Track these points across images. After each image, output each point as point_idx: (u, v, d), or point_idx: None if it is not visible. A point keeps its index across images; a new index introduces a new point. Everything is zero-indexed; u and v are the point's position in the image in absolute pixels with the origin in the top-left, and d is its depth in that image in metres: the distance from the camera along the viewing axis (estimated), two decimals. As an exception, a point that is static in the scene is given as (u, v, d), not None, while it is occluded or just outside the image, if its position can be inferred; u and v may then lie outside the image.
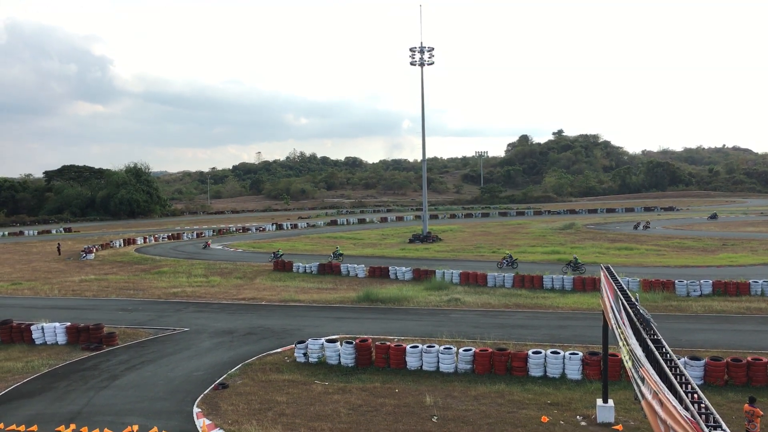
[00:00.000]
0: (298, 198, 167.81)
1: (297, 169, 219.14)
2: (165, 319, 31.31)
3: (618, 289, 13.65)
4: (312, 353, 22.90)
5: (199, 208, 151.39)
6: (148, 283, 43.50)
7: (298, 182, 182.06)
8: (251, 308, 33.95)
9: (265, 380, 21.02)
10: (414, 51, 68.25)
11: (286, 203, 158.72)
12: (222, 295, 37.92)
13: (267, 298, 36.40)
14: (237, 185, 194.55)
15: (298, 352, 23.15)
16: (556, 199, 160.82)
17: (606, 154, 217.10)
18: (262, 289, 40.08)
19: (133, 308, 34.51)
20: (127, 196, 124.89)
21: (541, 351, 21.07)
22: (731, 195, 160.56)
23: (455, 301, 33.62)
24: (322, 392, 19.71)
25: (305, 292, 38.10)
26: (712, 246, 56.59)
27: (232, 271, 48.58)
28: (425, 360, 21.63)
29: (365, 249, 62.78)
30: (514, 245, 61.17)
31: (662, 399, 7.94)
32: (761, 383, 19.01)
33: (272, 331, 28.24)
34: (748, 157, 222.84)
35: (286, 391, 19.88)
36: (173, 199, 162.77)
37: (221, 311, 33.27)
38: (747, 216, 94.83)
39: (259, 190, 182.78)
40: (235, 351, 24.93)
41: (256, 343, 26.03)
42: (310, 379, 21.05)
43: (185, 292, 39.05)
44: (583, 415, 17.20)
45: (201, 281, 43.71)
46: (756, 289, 33.46)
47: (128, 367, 23.10)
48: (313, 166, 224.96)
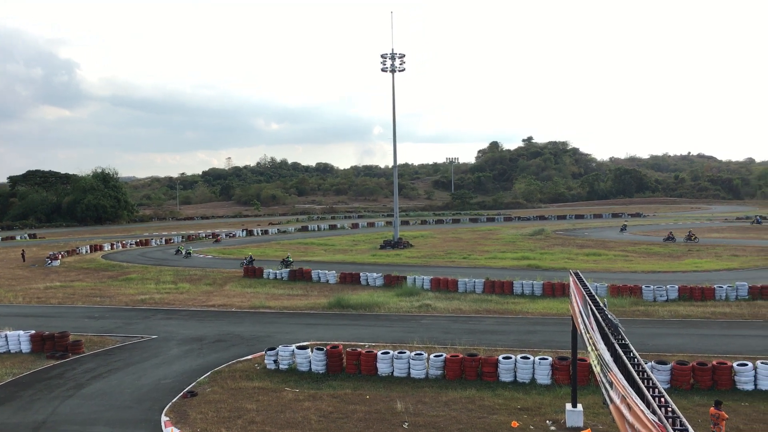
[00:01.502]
0: (268, 204, 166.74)
1: (268, 174, 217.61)
2: (132, 327, 30.86)
3: (587, 295, 13.80)
4: (282, 360, 22.74)
5: (168, 214, 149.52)
6: (115, 290, 42.84)
7: (269, 188, 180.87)
8: (221, 315, 33.63)
9: (235, 388, 20.82)
10: (385, 57, 68.38)
11: (256, 209, 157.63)
12: (191, 302, 37.50)
13: (237, 305, 36.09)
14: (207, 191, 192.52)
15: (268, 359, 22.97)
16: (526, 205, 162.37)
17: (575, 161, 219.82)
18: (232, 295, 39.74)
19: (99, 316, 33.96)
20: (94, 202, 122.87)
21: (511, 356, 21.22)
22: (696, 201, 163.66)
23: (426, 306, 33.69)
24: (292, 399, 19.58)
25: (276, 299, 37.86)
26: (678, 252, 57.55)
27: (201, 277, 48.09)
28: (396, 366, 21.63)
29: (336, 255, 62.64)
30: (484, 251, 61.60)
31: (630, 403, 8.03)
32: (726, 387, 19.37)
33: (242, 338, 28.00)
34: (712, 164, 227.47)
35: (256, 398, 19.71)
36: (141, 204, 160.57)
37: (190, 318, 32.90)
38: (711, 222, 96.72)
39: (229, 196, 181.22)
40: (205, 358, 24.66)
41: (225, 351, 25.78)
42: (281, 386, 20.90)
43: (153, 299, 38.53)
44: (553, 420, 17.34)
45: (170, 288, 43.17)
46: (720, 294, 34.09)
47: (94, 375, 22.71)
48: (284, 171, 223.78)
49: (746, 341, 25.37)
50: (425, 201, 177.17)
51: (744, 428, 16.44)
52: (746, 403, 18.27)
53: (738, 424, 16.58)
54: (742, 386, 19.39)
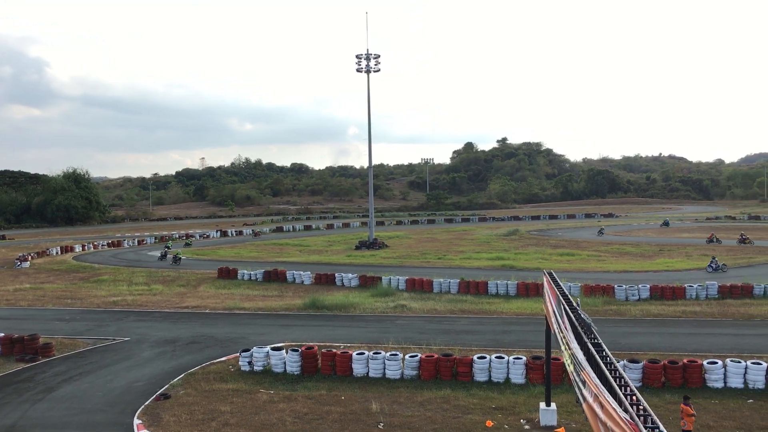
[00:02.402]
0: (243, 204, 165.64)
1: (242, 175, 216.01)
2: (104, 329, 30.44)
3: (560, 294, 13.91)
4: (257, 361, 22.60)
5: (141, 214, 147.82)
6: (86, 292, 42.23)
7: (243, 188, 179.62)
8: (194, 316, 33.33)
9: (209, 390, 20.63)
10: (360, 58, 68.37)
11: (230, 210, 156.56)
12: (164, 304, 37.11)
13: (211, 306, 35.80)
14: (180, 191, 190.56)
15: (242, 361, 22.81)
16: (501, 205, 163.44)
17: (548, 162, 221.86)
18: (205, 296, 39.42)
19: (70, 318, 33.44)
20: (65, 203, 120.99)
21: (485, 356, 21.32)
22: (667, 202, 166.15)
23: (401, 307, 33.72)
24: (267, 401, 19.47)
25: (250, 300, 37.63)
26: (650, 252, 58.32)
27: (174, 278, 47.62)
28: (371, 367, 21.61)
29: (311, 256, 62.46)
30: (459, 251, 61.84)
31: (602, 401, 8.11)
32: (697, 385, 19.67)
33: (216, 339, 27.77)
34: (683, 165, 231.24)
35: (230, 400, 19.55)
36: (113, 205, 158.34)
37: (163, 320, 32.56)
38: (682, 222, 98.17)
39: (203, 197, 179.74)
40: (178, 360, 24.41)
41: (199, 352, 25.55)
42: (255, 388, 20.76)
43: (126, 301, 38.06)
44: (527, 419, 17.45)
45: (142, 289, 42.70)
46: (691, 293, 34.62)
47: (65, 378, 22.35)
48: (259, 172, 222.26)
49: (716, 340, 25.77)
50: (400, 201, 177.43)
51: (714, 425, 16.70)
52: (716, 401, 18.56)
53: (708, 422, 16.84)
54: (712, 384, 19.71)
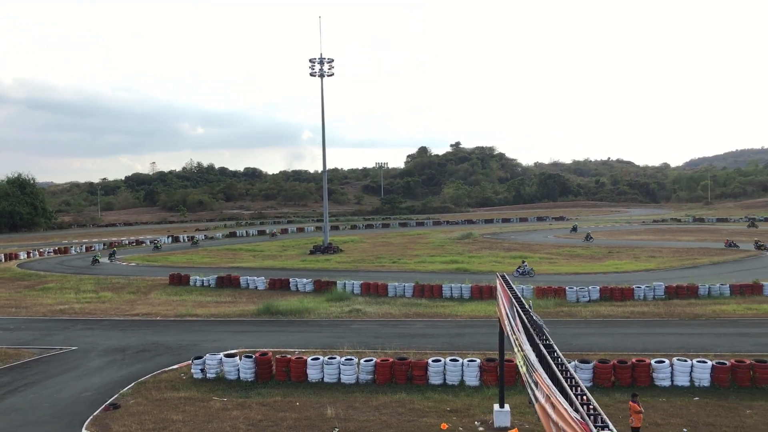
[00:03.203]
0: (195, 210, 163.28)
1: (194, 180, 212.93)
2: (51, 338, 29.59)
3: (513, 297, 14.07)
4: (210, 369, 22.26)
5: (89, 220, 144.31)
6: (32, 300, 40.99)
7: (196, 193, 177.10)
8: (145, 324, 32.67)
9: (160, 398, 20.23)
10: (314, 62, 68.11)
11: (182, 215, 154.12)
12: (113, 312, 36.28)
13: (162, 314, 35.15)
14: (130, 197, 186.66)
15: (195, 368, 22.44)
16: (455, 209, 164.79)
17: (501, 166, 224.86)
18: (156, 304, 38.67)
19: (15, 327, 32.42)
20: (9, 209, 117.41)
21: (440, 359, 21.43)
22: (616, 205, 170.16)
23: (356, 311, 33.68)
24: (220, 408, 19.18)
25: (203, 306, 37.07)
26: (599, 254, 59.53)
27: (124, 285, 46.57)
28: (326, 372, 21.52)
29: (265, 261, 61.90)
30: (414, 255, 62.07)
31: (554, 402, 8.22)
32: (645, 384, 20.13)
33: (168, 347, 27.27)
34: (630, 169, 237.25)
35: (182, 409, 19.20)
36: (60, 211, 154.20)
37: (113, 328, 31.82)
38: (630, 225, 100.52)
39: (153, 202, 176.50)
40: (128, 369, 23.88)
41: (150, 361, 25.05)
42: (208, 396, 20.45)
43: (73, 309, 37.08)
44: (481, 421, 17.61)
45: (90, 297, 41.63)
46: (639, 294, 35.45)
47: (9, 390, 21.63)
48: (211, 176, 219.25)
49: (663, 339, 26.44)
50: (355, 206, 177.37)
51: (662, 423, 17.11)
52: (664, 399, 19.03)
53: (656, 420, 17.25)
54: (659, 383, 20.19)
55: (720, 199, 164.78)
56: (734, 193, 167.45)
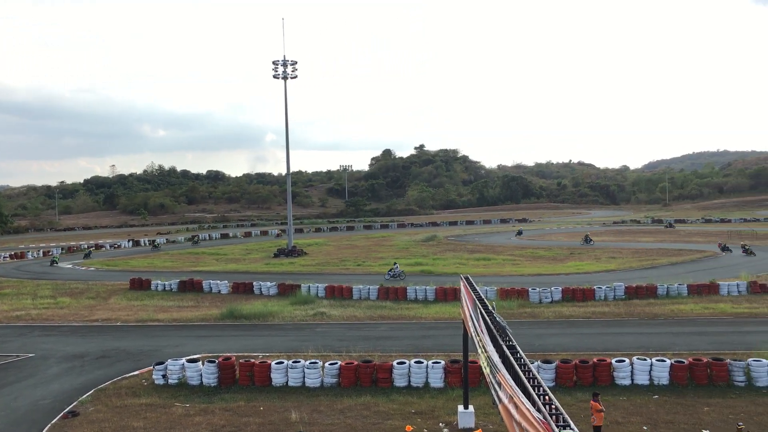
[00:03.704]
0: (156, 213, 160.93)
1: (155, 182, 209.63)
2: (6, 345, 28.81)
3: (476, 298, 14.16)
4: (172, 374, 21.93)
5: (46, 224, 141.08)
6: (-14, 307, 39.89)
7: (157, 196, 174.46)
8: (105, 330, 32.07)
9: (121, 405, 19.85)
10: (277, 64, 67.81)
11: (143, 218, 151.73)
12: (72, 317, 35.50)
13: (123, 319, 34.53)
14: (89, 200, 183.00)
15: (156, 374, 22.09)
16: (419, 211, 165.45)
17: (465, 168, 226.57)
18: (117, 309, 37.96)
19: (-32, 335, 31.51)
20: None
21: (405, 361, 21.46)
22: (577, 207, 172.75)
23: (321, 314, 33.54)
24: (182, 414, 18.91)
25: (165, 311, 36.52)
26: (561, 255, 60.32)
27: (83, 291, 45.60)
28: (291, 376, 21.37)
29: (228, 264, 61.27)
30: (378, 257, 62.09)
31: (517, 402, 8.29)
32: (606, 383, 20.43)
33: (128, 353, 26.79)
34: (591, 171, 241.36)
35: (143, 415, 18.88)
36: (16, 215, 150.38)
37: (71, 334, 31.15)
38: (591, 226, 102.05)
39: (113, 205, 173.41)
40: (87, 376, 23.40)
41: (110, 367, 24.58)
42: (170, 402, 20.14)
43: (30, 315, 36.19)
44: (446, 422, 17.67)
45: (48, 303, 40.64)
46: (600, 295, 36.00)
47: (-38, 399, 21.01)
48: (173, 179, 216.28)
49: (623, 338, 26.87)
50: (319, 208, 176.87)
51: (622, 421, 17.39)
52: (624, 398, 19.33)
53: (617, 418, 17.52)
54: (620, 381, 20.52)
55: (677, 200, 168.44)
56: (691, 195, 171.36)
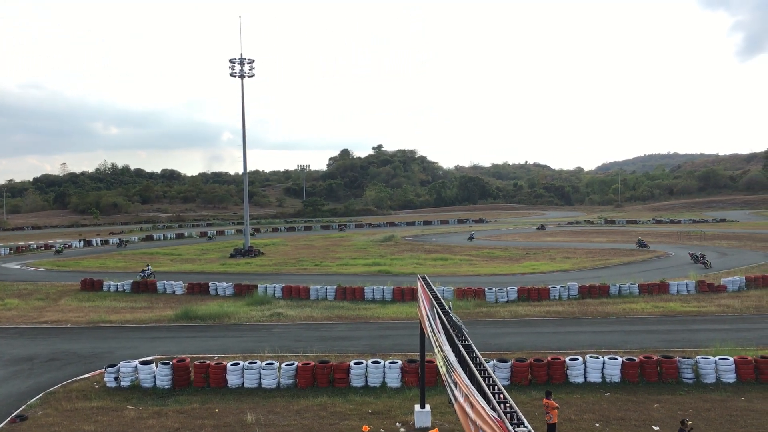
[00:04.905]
0: (109, 212, 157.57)
1: (108, 181, 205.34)
2: (-50, 349, 27.87)
3: (433, 298, 14.23)
4: (124, 377, 21.50)
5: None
6: (-71, 309, 38.49)
7: (110, 195, 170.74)
8: (55, 332, 31.26)
9: (71, 409, 19.39)
10: (234, 62, 67.10)
11: (95, 218, 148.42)
12: (20, 319, 34.49)
13: (73, 320, 33.70)
14: (39, 199, 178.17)
15: (108, 377, 21.63)
16: (377, 212, 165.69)
17: (423, 169, 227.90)
18: (67, 310, 37.02)
19: None
20: None
21: (362, 361, 21.45)
22: (533, 207, 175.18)
23: (278, 315, 33.31)
24: (135, 418, 18.55)
25: (117, 312, 35.78)
26: (517, 255, 61.07)
27: (32, 292, 44.31)
28: (247, 377, 21.17)
29: (184, 265, 60.33)
30: (336, 258, 61.96)
31: (472, 401, 8.36)
32: (560, 381, 20.77)
33: (79, 355, 26.17)
34: (546, 173, 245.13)
35: (94, 419, 18.47)
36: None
37: (19, 336, 30.27)
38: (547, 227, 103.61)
39: (64, 205, 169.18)
40: (36, 379, 22.78)
41: (60, 370, 23.98)
42: (122, 405, 19.73)
43: (-25, 318, 35.07)
44: (402, 422, 17.72)
45: (-5, 304, 39.46)
46: (554, 294, 36.57)
47: None
48: (126, 178, 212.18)
49: (577, 337, 27.35)
50: (277, 208, 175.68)
51: (575, 418, 17.69)
52: (577, 395, 19.67)
53: (570, 416, 17.82)
54: (573, 379, 20.87)
55: (630, 201, 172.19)
56: (643, 196, 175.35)
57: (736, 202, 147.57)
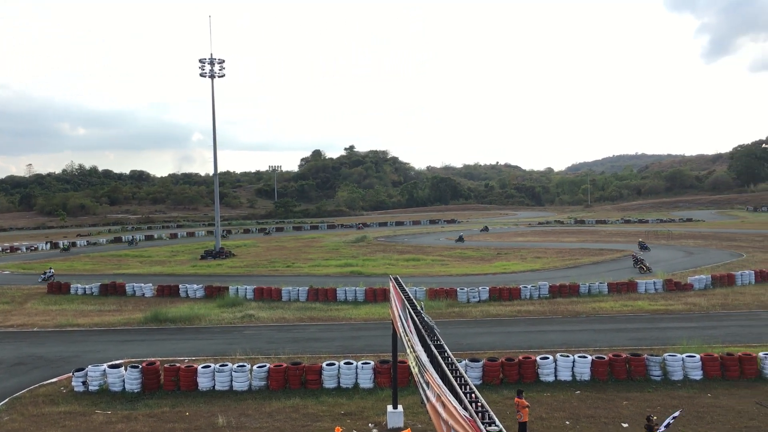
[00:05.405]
0: (76, 214, 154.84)
1: (75, 183, 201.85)
2: None
3: (405, 299, 14.26)
4: (92, 381, 21.19)
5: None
6: None
7: (77, 197, 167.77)
8: (21, 336, 30.68)
9: (38, 414, 19.05)
10: (204, 62, 66.47)
11: (62, 220, 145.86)
12: (-15, 323, 33.81)
13: (40, 324, 33.12)
14: (4, 200, 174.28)
15: (76, 381, 21.29)
16: (349, 212, 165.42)
17: (395, 170, 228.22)
18: (33, 314, 36.36)
19: None
20: None
21: (334, 363, 21.42)
22: (504, 208, 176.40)
23: (249, 317, 33.11)
24: (104, 422, 18.29)
25: (85, 316, 35.24)
26: (489, 255, 61.44)
27: (-3, 295, 43.45)
28: (218, 380, 21.00)
29: (153, 267, 59.59)
30: (308, 259, 61.75)
31: (444, 401, 8.39)
32: (531, 380, 20.96)
33: (46, 359, 25.73)
34: (517, 173, 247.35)
35: (62, 424, 18.17)
36: None
37: (-16, 341, 29.67)
38: (517, 227, 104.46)
39: (30, 206, 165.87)
40: (1, 384, 22.36)
41: (26, 374, 23.55)
42: (90, 410, 19.44)
43: (-62, 322, 34.25)
44: (375, 423, 17.73)
45: (-42, 309, 38.57)
46: (525, 294, 36.87)
47: None
48: (94, 180, 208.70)
49: (547, 336, 27.62)
50: (248, 209, 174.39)
51: (546, 417, 17.86)
52: (548, 394, 19.87)
53: (541, 414, 17.98)
54: (544, 378, 21.07)
55: (599, 202, 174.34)
56: (611, 197, 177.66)
57: (702, 202, 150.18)
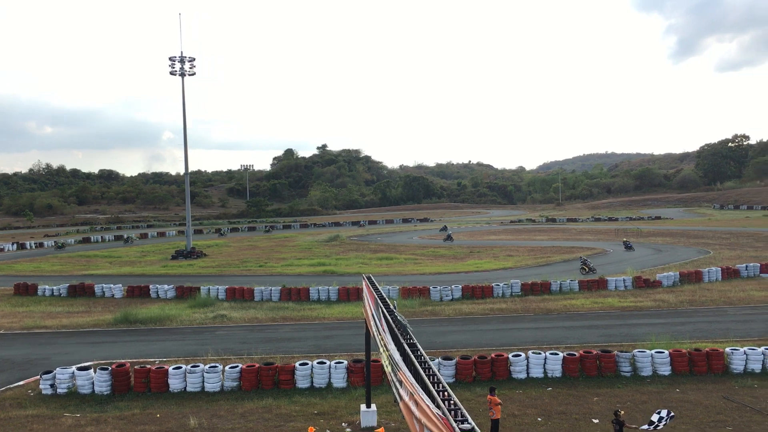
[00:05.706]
0: (43, 214, 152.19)
1: (42, 182, 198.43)
2: None
3: (378, 298, 14.26)
4: (60, 384, 20.84)
5: None
6: None
7: (44, 197, 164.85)
8: (-14, 339, 30.06)
9: (5, 418, 18.69)
10: (174, 60, 65.80)
11: (29, 220, 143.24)
12: (-51, 326, 33.08)
13: (6, 326, 32.49)
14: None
15: (44, 384, 20.92)
16: (322, 212, 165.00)
17: (367, 169, 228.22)
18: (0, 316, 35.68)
19: None
20: None
21: (308, 362, 21.35)
22: (477, 206, 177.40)
23: (221, 317, 32.86)
24: (72, 425, 18.00)
25: (53, 317, 34.66)
26: (461, 254, 61.71)
27: (-39, 297, 42.55)
28: (189, 381, 20.79)
29: (123, 267, 58.84)
30: (280, 258, 61.46)
31: (417, 399, 8.40)
32: (503, 377, 21.12)
33: (12, 362, 25.25)
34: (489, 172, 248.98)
35: (29, 428, 17.84)
36: None
37: (-52, 344, 29.00)
38: (490, 225, 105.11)
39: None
40: (-34, 389, 21.87)
41: (-8, 378, 23.09)
42: (59, 413, 19.12)
43: None
44: (348, 422, 17.70)
45: None
46: (498, 292, 37.13)
47: None
48: (62, 179, 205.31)
49: (519, 334, 27.84)
50: (220, 209, 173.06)
51: (518, 413, 17.99)
52: (520, 391, 20.02)
53: (513, 411, 18.11)
54: (516, 375, 21.24)
55: (570, 200, 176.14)
56: (582, 195, 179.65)
57: (671, 200, 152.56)
